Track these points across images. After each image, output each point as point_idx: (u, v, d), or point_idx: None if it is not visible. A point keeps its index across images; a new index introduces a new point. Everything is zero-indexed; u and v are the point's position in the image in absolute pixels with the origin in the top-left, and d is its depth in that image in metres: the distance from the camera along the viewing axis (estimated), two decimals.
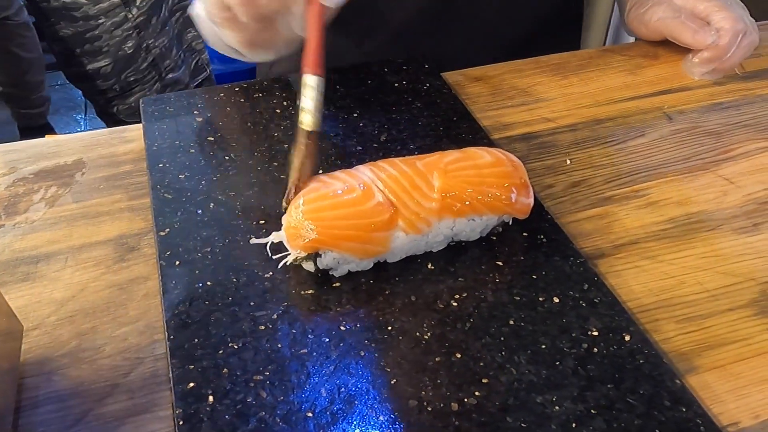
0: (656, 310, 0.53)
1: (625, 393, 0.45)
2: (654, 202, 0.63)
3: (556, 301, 0.51)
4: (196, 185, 0.61)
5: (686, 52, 0.81)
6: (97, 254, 0.57)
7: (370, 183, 0.52)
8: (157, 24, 1.44)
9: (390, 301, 0.51)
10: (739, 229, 0.60)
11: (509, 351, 0.48)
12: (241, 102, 0.71)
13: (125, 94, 1.53)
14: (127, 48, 1.45)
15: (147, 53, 1.46)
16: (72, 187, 0.64)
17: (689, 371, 0.49)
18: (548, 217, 0.58)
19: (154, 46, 1.46)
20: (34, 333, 0.51)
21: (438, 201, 0.52)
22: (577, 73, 0.81)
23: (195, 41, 1.55)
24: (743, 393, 0.47)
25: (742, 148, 0.69)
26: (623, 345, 0.48)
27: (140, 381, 0.48)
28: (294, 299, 0.51)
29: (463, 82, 0.79)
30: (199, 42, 1.56)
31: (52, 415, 0.46)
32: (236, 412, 0.43)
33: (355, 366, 0.46)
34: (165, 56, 1.49)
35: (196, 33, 1.53)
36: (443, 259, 0.54)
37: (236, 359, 0.47)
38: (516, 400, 0.44)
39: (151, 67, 1.49)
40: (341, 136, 0.67)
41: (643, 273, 0.56)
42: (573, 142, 0.70)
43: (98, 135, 0.71)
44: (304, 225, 0.50)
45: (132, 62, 1.48)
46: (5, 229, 0.60)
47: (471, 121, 0.69)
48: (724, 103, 0.76)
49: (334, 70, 0.77)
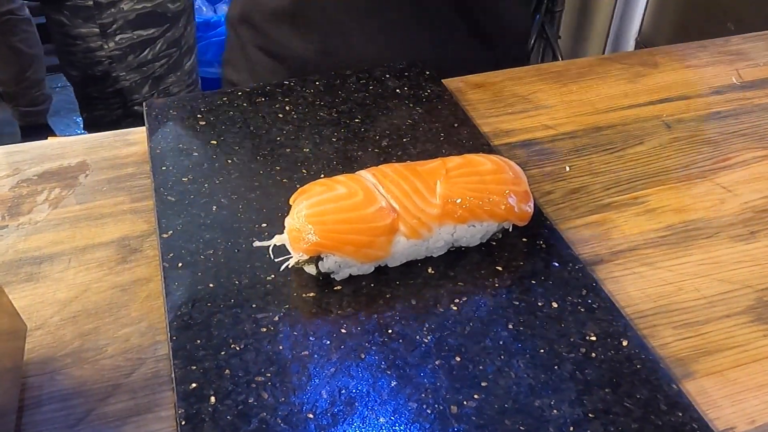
0: (654, 316, 0.53)
1: (622, 397, 0.46)
2: (652, 209, 0.63)
3: (555, 307, 0.52)
4: (199, 188, 0.61)
5: (684, 61, 0.82)
6: (100, 255, 0.58)
7: (372, 188, 0.52)
8: (133, 61, 1.45)
9: (390, 305, 0.52)
10: (736, 237, 0.61)
11: (508, 355, 0.48)
12: (243, 106, 0.72)
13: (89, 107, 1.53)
14: (96, 71, 1.46)
15: (115, 83, 1.47)
16: (75, 188, 0.65)
17: (686, 377, 0.49)
18: (547, 223, 0.59)
19: (125, 79, 1.47)
20: (38, 333, 0.51)
21: (439, 207, 0.52)
22: (576, 80, 0.81)
23: (174, 86, 1.55)
24: (739, 398, 0.48)
25: (740, 156, 0.70)
26: (621, 350, 0.49)
27: (142, 381, 0.48)
28: (295, 302, 0.52)
29: (463, 88, 0.80)
30: (177, 87, 1.56)
31: (54, 415, 0.46)
32: (238, 413, 0.44)
33: (355, 368, 0.47)
34: (133, 91, 1.49)
35: (176, 78, 1.53)
36: (443, 264, 0.55)
37: (238, 360, 0.47)
38: (515, 403, 0.45)
39: (116, 95, 1.49)
40: (342, 140, 0.68)
41: (641, 279, 0.57)
42: (572, 149, 0.71)
43: (102, 137, 0.71)
44: (306, 228, 0.50)
45: (98, 84, 1.48)
46: (9, 229, 0.60)
47: (471, 128, 0.70)
48: (722, 112, 0.77)
49: (336, 74, 0.78)
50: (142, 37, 1.43)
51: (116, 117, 1.53)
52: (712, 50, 0.88)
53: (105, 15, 1.38)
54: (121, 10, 1.38)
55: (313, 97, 0.74)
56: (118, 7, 1.38)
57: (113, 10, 1.38)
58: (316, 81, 0.77)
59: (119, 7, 1.38)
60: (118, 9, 1.38)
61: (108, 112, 1.52)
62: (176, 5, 1.46)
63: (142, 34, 1.43)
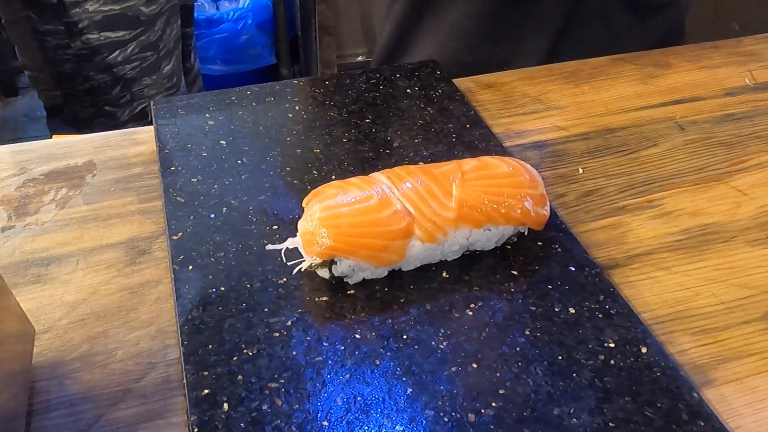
0: (671, 322, 0.53)
1: (642, 406, 0.45)
2: (668, 212, 0.63)
3: (572, 312, 0.51)
4: (209, 189, 0.60)
5: (697, 62, 0.81)
6: (109, 257, 0.57)
7: (387, 191, 0.51)
8: (101, 62, 1.43)
9: (405, 310, 0.51)
10: (753, 241, 0.60)
11: (525, 362, 0.47)
12: (252, 106, 0.71)
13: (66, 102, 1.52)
14: (66, 69, 1.45)
15: (85, 82, 1.46)
16: (83, 188, 0.64)
17: (705, 384, 0.48)
18: (563, 227, 0.58)
19: (94, 79, 1.45)
20: (46, 336, 0.51)
21: (455, 210, 0.51)
22: (589, 81, 0.81)
23: (150, 88, 1.54)
24: (761, 407, 0.47)
25: (755, 159, 0.69)
26: (640, 357, 0.48)
27: (153, 386, 0.48)
28: (308, 306, 0.51)
29: (474, 88, 0.79)
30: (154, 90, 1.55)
31: (64, 420, 0.45)
32: (251, 420, 0.43)
33: (370, 375, 0.46)
34: (103, 91, 1.47)
35: (151, 82, 1.52)
36: (458, 268, 0.54)
37: (251, 366, 0.46)
38: (533, 411, 0.44)
39: (87, 93, 1.48)
40: (354, 141, 0.67)
41: (657, 284, 0.56)
42: (585, 150, 0.70)
43: (109, 137, 0.70)
44: (320, 232, 0.49)
45: (70, 81, 1.47)
46: (16, 230, 0.59)
47: (484, 129, 0.69)
48: (737, 114, 0.76)
49: (346, 74, 0.77)
50: (111, 38, 1.42)
51: (89, 115, 1.52)
52: (725, 51, 0.87)
53: (71, 14, 1.37)
54: (86, 10, 1.37)
55: (323, 97, 0.73)
56: (83, 8, 1.36)
57: (78, 10, 1.36)
58: (325, 80, 0.76)
59: (84, 8, 1.36)
60: (83, 9, 1.36)
61: (81, 109, 1.51)
62: (151, 8, 1.44)
63: (111, 36, 1.42)
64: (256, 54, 2.30)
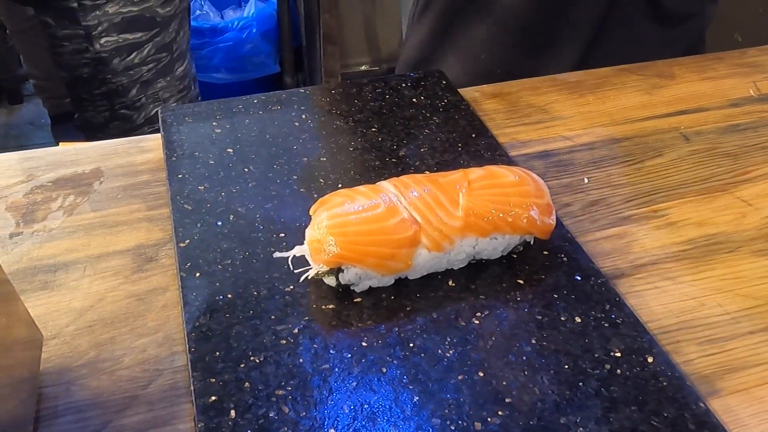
0: (677, 332, 0.53)
1: (648, 415, 0.45)
2: (673, 222, 0.63)
3: (578, 321, 0.51)
4: (216, 197, 0.61)
5: (701, 73, 0.82)
6: (116, 264, 0.57)
7: (394, 199, 0.52)
8: (119, 65, 1.44)
9: (411, 318, 0.51)
10: (758, 252, 0.60)
11: (532, 370, 0.47)
12: (259, 114, 0.72)
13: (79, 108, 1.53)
14: (83, 73, 1.46)
15: (102, 85, 1.47)
16: (90, 195, 0.64)
17: (712, 394, 0.48)
18: (568, 236, 0.58)
19: (111, 82, 1.46)
20: (53, 342, 0.51)
21: (462, 219, 0.52)
22: (593, 91, 0.81)
23: (164, 91, 1.54)
24: (767, 417, 0.47)
25: (760, 170, 0.69)
26: (646, 367, 0.48)
27: (160, 393, 0.48)
28: (315, 314, 0.51)
29: (479, 98, 0.79)
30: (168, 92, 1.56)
31: (71, 426, 0.46)
32: (258, 427, 0.43)
33: (377, 383, 0.46)
34: (120, 94, 1.48)
35: (165, 84, 1.52)
36: (464, 277, 0.54)
37: (258, 373, 0.46)
38: (540, 420, 0.44)
39: (103, 97, 1.49)
40: (360, 150, 0.67)
41: (663, 294, 0.56)
42: (590, 160, 0.70)
43: (116, 144, 0.71)
44: (327, 240, 0.49)
45: (85, 86, 1.48)
46: (23, 236, 0.59)
47: (489, 138, 0.69)
48: (741, 125, 0.76)
49: (352, 83, 0.77)
50: (129, 40, 1.43)
51: (103, 119, 1.52)
52: (729, 62, 0.87)
53: (89, 17, 1.38)
54: (106, 13, 1.38)
55: (329, 106, 0.73)
56: (103, 10, 1.37)
57: (98, 12, 1.37)
58: (332, 89, 0.76)
59: (104, 11, 1.37)
60: (102, 12, 1.37)
61: (96, 114, 1.52)
62: (166, 10, 1.46)
63: (129, 38, 1.43)
64: (261, 63, 2.31)
